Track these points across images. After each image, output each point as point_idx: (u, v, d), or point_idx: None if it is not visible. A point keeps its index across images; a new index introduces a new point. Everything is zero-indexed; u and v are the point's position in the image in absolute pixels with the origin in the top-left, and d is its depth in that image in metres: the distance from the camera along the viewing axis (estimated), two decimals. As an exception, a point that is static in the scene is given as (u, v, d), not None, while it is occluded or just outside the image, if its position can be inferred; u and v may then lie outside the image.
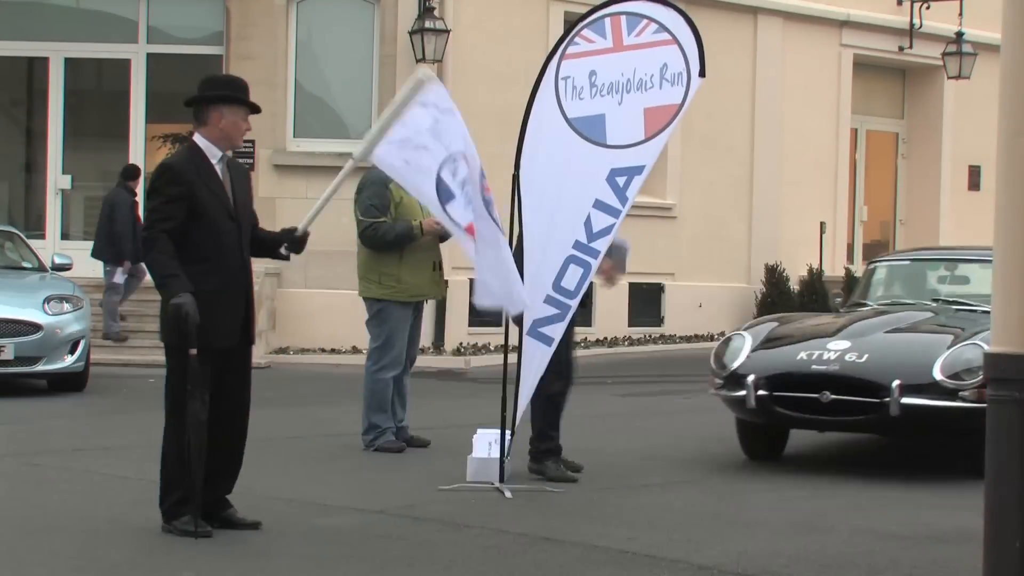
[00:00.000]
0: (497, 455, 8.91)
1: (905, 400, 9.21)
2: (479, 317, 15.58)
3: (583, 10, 19.47)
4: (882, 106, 24.58)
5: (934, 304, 10.89)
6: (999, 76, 4.93)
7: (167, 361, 7.35)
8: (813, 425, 9.84)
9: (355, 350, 17.73)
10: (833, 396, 9.42)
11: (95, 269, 17.72)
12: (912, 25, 23.49)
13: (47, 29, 19.19)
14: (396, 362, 10.37)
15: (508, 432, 9.03)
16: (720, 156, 21.49)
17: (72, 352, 13.89)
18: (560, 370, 9.23)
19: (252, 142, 18.11)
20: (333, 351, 17.69)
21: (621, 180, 8.99)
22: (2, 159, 20.54)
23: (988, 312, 9.28)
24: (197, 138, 7.45)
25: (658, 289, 20.92)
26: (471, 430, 9.42)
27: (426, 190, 7.96)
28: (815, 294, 20.80)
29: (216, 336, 7.23)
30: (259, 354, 16.88)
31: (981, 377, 8.72)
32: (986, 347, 7.94)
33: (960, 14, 22.85)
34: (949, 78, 23.05)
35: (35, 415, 12.49)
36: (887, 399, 9.24)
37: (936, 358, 9.36)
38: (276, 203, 18.09)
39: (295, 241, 7.72)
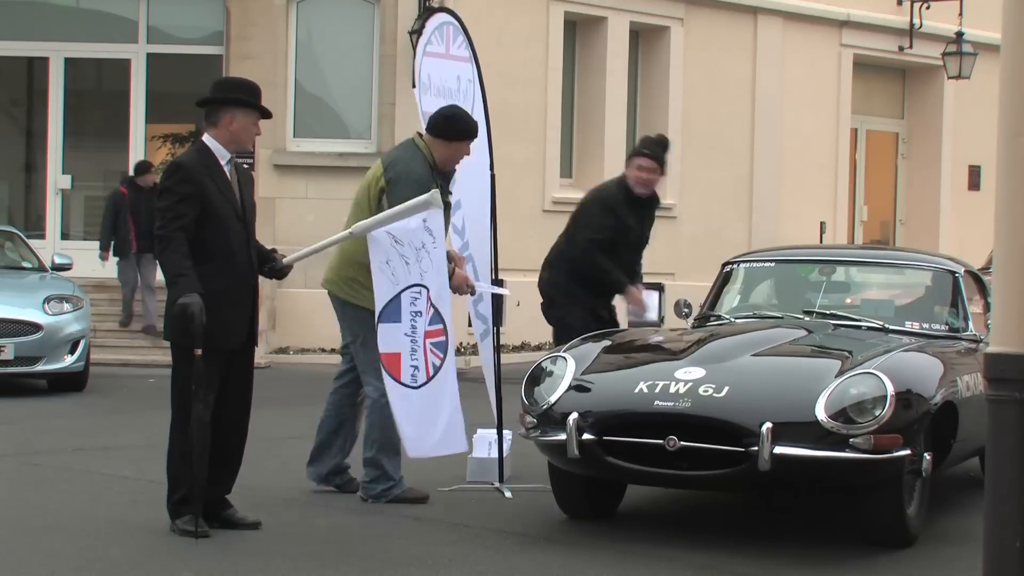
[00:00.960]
0: (497, 455, 8.91)
1: (779, 450, 6.87)
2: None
3: (583, 10, 19.30)
4: (882, 106, 24.59)
5: (807, 319, 8.55)
6: (999, 76, 4.93)
7: (173, 359, 7.39)
8: (656, 480, 7.42)
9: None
10: (683, 443, 7.04)
11: (95, 269, 17.75)
12: (912, 25, 23.50)
13: (47, 29, 19.20)
14: None
15: (508, 432, 9.04)
16: (720, 156, 21.49)
17: (72, 352, 13.89)
18: None
19: (252, 142, 18.10)
20: (333, 351, 17.63)
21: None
22: (2, 159, 20.54)
23: (877, 329, 8.44)
24: (207, 138, 7.48)
25: (658, 289, 20.87)
26: (471, 430, 9.43)
27: (380, 296, 7.81)
28: (815, 294, 20.82)
29: (223, 337, 7.26)
30: (259, 354, 16.81)
31: (876, 417, 6.94)
32: (883, 377, 7.01)
33: (960, 14, 22.86)
34: (949, 78, 23.06)
35: (35, 415, 12.49)
36: (754, 448, 6.90)
37: (818, 392, 7.03)
38: (276, 203, 18.10)
39: (276, 270, 7.69)
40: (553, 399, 7.48)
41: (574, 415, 7.27)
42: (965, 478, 8.88)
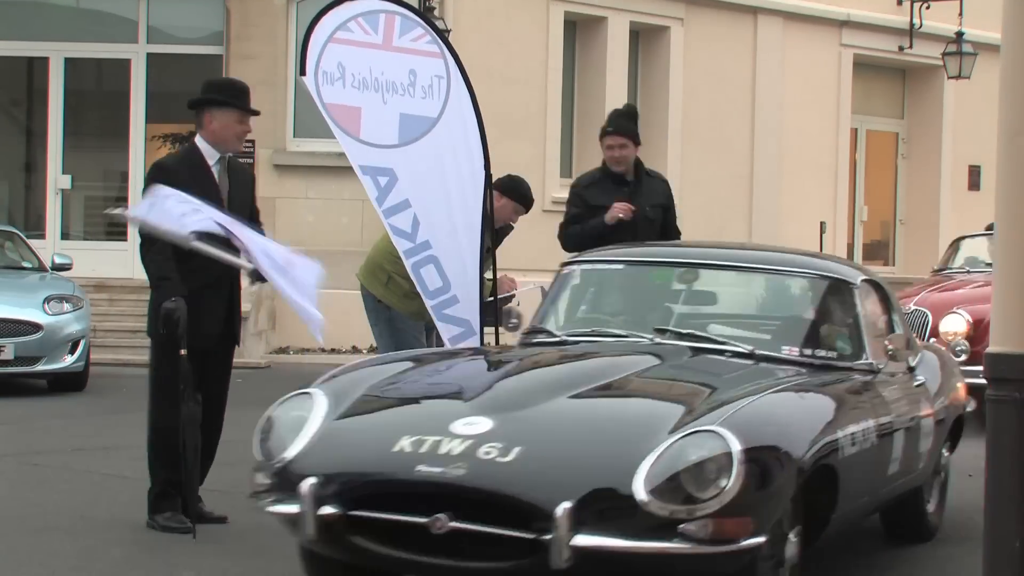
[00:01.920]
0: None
1: (580, 540, 5.08)
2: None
3: (583, 10, 19.32)
4: (882, 106, 24.59)
5: (659, 340, 6.62)
6: (999, 76, 4.92)
7: (152, 356, 7.57)
8: (415, 569, 5.44)
9: (355, 350, 17.73)
10: (454, 523, 5.19)
11: (95, 268, 17.74)
12: (912, 25, 23.49)
13: (47, 29, 19.19)
14: None
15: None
16: (720, 156, 21.49)
17: (72, 352, 13.88)
18: None
19: (252, 142, 18.07)
20: (333, 351, 17.68)
21: (383, 180, 8.75)
22: (2, 159, 20.54)
23: (748, 357, 6.34)
24: (197, 139, 7.64)
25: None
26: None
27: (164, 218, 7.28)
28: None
29: (193, 336, 7.34)
30: (259, 354, 16.94)
31: (718, 492, 5.10)
32: (730, 436, 5.14)
33: (960, 14, 22.85)
34: (949, 78, 23.05)
35: (35, 415, 12.49)
36: (547, 536, 5.08)
37: (642, 456, 5.19)
38: (276, 203, 18.10)
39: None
40: (290, 454, 5.64)
41: (311, 481, 5.43)
42: (965, 478, 8.87)
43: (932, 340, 12.04)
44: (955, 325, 12.39)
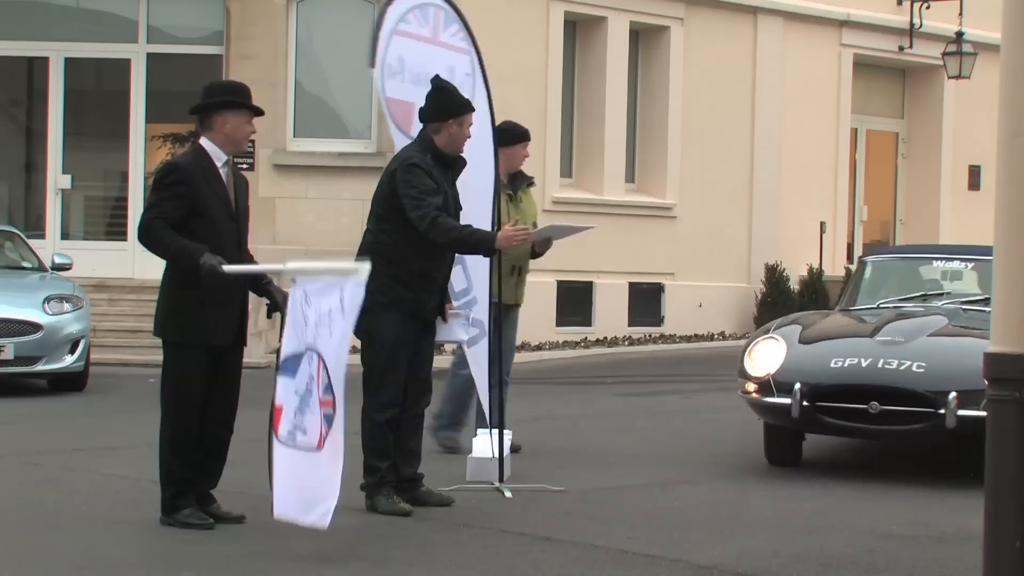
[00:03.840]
0: (497, 455, 8.90)
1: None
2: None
3: (583, 10, 19.32)
4: (882, 106, 24.59)
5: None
6: (999, 76, 4.92)
7: (165, 356, 7.58)
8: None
9: (355, 350, 17.70)
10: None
11: (95, 268, 17.74)
12: (912, 25, 23.49)
13: (47, 29, 19.19)
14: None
15: (508, 432, 9.05)
16: (720, 156, 21.49)
17: (72, 352, 13.89)
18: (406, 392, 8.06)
19: (252, 142, 18.05)
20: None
21: None
22: (2, 159, 20.53)
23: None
24: (203, 142, 7.62)
25: (658, 289, 20.90)
26: (470, 430, 9.41)
27: (287, 345, 7.35)
28: (815, 294, 20.83)
29: (211, 334, 7.44)
30: (259, 354, 16.90)
31: None
32: None
33: (960, 14, 22.85)
34: (949, 78, 23.05)
35: (35, 415, 12.49)
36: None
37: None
38: (276, 203, 18.10)
39: (271, 299, 7.63)
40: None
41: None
42: (965, 478, 8.88)
43: None
44: None
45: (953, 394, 8.89)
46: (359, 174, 17.45)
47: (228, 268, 7.40)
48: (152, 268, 18.49)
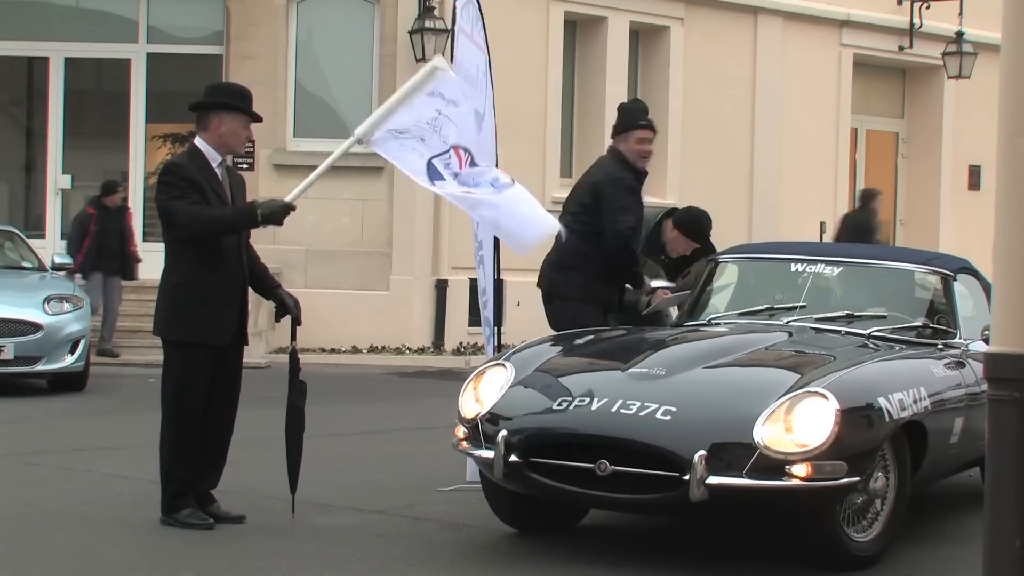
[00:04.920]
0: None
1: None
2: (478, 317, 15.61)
3: (583, 10, 19.28)
4: (882, 106, 24.59)
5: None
6: (999, 76, 4.92)
7: (166, 355, 7.61)
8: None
9: (354, 350, 17.75)
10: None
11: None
12: (912, 25, 23.49)
13: (47, 29, 19.19)
14: None
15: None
16: (720, 156, 21.49)
17: (72, 352, 13.89)
18: None
19: (252, 142, 18.04)
20: (333, 351, 17.70)
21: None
22: (2, 159, 20.54)
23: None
24: (198, 141, 7.69)
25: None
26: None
27: (416, 168, 7.60)
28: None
29: (213, 333, 7.48)
30: (259, 354, 16.91)
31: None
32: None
33: (960, 14, 22.85)
34: (949, 78, 23.06)
35: (35, 415, 12.49)
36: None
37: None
38: (276, 203, 18.09)
39: (283, 305, 7.69)
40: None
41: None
42: (965, 478, 8.87)
43: None
44: None
45: (700, 453, 6.39)
46: (359, 174, 17.45)
47: (288, 198, 7.57)
48: (152, 268, 18.63)
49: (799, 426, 6.45)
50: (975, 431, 7.52)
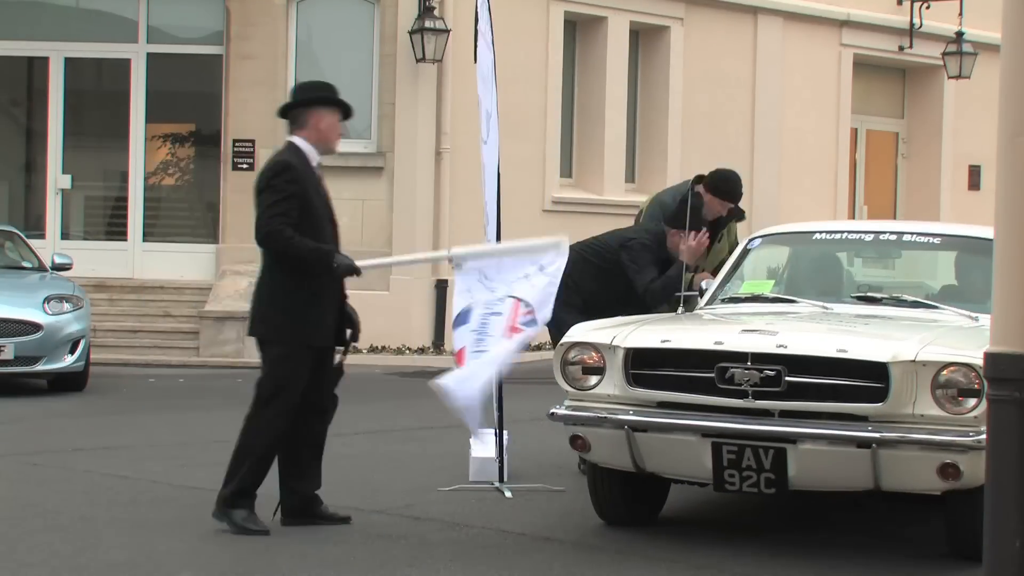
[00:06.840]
0: (497, 455, 8.90)
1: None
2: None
3: (583, 10, 19.27)
4: (882, 106, 24.59)
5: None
6: (999, 76, 4.92)
7: (266, 358, 7.43)
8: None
9: (355, 350, 17.72)
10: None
11: (94, 268, 17.74)
12: (912, 25, 23.49)
13: (47, 29, 19.19)
14: None
15: (506, 432, 9.04)
16: (720, 156, 21.42)
17: (72, 352, 13.89)
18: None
19: (252, 142, 18.12)
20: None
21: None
22: (2, 159, 20.53)
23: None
24: (297, 140, 7.54)
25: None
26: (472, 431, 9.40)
27: (456, 305, 7.73)
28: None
29: (317, 335, 7.40)
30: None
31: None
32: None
33: (960, 14, 22.85)
34: (949, 78, 23.06)
35: (35, 415, 12.50)
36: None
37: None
38: (276, 203, 18.08)
39: (355, 332, 7.71)
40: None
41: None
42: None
43: None
44: None
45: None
46: (359, 174, 17.44)
47: (363, 264, 7.47)
48: (152, 268, 18.67)
49: None
50: None
